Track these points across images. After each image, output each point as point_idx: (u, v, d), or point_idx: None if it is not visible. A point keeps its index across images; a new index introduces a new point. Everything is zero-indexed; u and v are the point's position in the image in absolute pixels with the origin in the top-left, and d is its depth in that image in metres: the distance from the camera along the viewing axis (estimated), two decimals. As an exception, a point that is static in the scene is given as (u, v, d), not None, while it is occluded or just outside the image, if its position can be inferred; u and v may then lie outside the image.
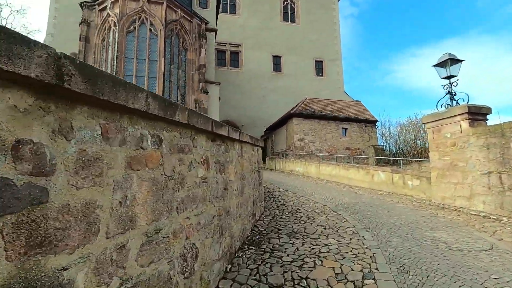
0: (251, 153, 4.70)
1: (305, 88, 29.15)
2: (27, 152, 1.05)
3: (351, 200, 7.04)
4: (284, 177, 12.63)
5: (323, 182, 11.24)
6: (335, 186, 10.02)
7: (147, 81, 15.47)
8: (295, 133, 19.79)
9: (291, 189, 8.76)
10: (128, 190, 1.58)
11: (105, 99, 1.36)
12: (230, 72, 28.14)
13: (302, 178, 12.37)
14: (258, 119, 28.04)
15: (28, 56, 0.99)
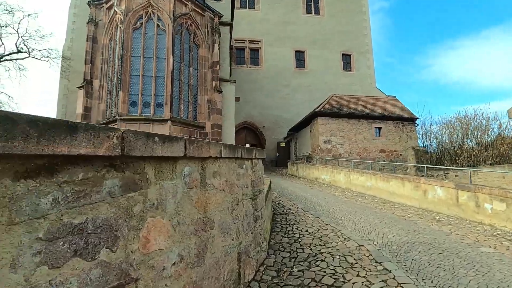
0: (234, 174, 2.83)
1: (331, 85, 26.68)
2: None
3: (401, 237, 4.76)
4: (306, 188, 10.58)
5: (355, 196, 9.02)
6: (372, 205, 7.78)
7: (154, 81, 14.19)
8: (320, 134, 17.57)
9: (313, 209, 6.75)
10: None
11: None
12: (250, 70, 26.47)
13: (328, 190, 10.24)
14: (280, 119, 26.07)
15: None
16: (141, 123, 13.74)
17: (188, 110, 15.23)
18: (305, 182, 12.94)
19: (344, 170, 11.03)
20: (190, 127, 15.03)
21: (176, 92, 14.71)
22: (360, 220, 5.87)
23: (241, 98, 25.85)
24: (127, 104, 13.92)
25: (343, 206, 7.28)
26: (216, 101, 15.83)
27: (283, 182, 12.25)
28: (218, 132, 15.66)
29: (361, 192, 9.53)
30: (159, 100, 14.19)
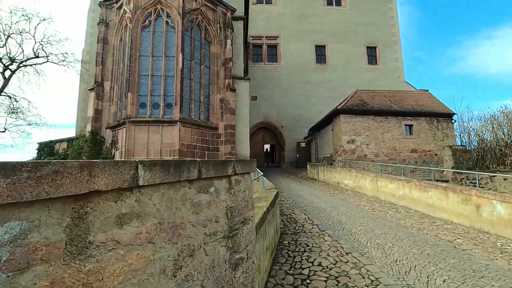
0: (185, 207, 1.77)
1: (355, 80, 24.89)
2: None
3: (457, 284, 3.33)
4: (326, 196, 9.28)
5: (384, 207, 7.64)
6: (407, 221, 6.33)
7: (163, 81, 13.52)
8: (343, 133, 16.07)
9: (331, 227, 5.55)
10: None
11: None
12: (267, 67, 25.36)
13: (351, 198, 8.88)
14: (300, 118, 24.72)
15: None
16: (150, 125, 13.13)
17: (199, 110, 14.44)
18: (325, 187, 11.60)
19: (370, 174, 9.57)
20: (202, 128, 14.22)
21: (187, 91, 13.96)
22: (392, 248, 4.53)
23: (258, 97, 24.85)
24: (136, 105, 13.36)
25: (369, 223, 5.94)
26: (229, 100, 14.90)
27: (300, 188, 11.03)
28: (231, 133, 14.73)
29: (391, 203, 8.07)
30: (168, 100, 13.50)
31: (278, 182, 13.68)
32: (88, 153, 13.70)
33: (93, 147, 13.94)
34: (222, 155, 14.73)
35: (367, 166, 14.42)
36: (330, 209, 6.96)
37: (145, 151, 12.94)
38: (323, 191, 10.18)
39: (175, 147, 12.94)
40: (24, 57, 17.84)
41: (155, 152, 12.96)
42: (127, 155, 12.85)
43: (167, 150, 13.00)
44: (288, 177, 16.06)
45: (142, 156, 12.90)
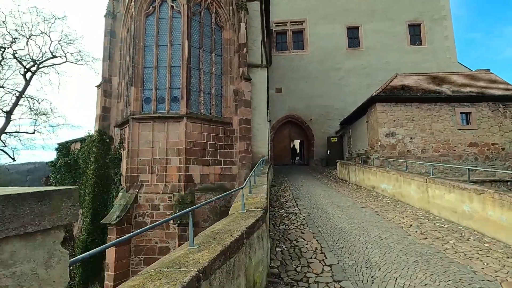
0: None
1: (395, 64, 21.62)
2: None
3: None
4: (354, 207, 6.87)
5: (442, 231, 5.18)
6: (487, 265, 3.82)
7: (169, 72, 12.17)
8: (380, 125, 13.44)
9: (352, 273, 3.36)
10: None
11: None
12: (293, 56, 23.10)
13: (390, 212, 6.45)
14: (331, 110, 22.16)
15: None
16: (155, 122, 11.86)
17: (210, 103, 12.87)
18: (356, 193, 9.26)
19: (417, 178, 7.06)
20: (213, 124, 12.65)
21: (195, 83, 12.46)
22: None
23: (283, 89, 22.77)
24: (140, 101, 12.19)
25: (420, 267, 3.64)
26: (244, 91, 13.12)
27: (323, 194, 8.81)
28: (246, 129, 12.96)
29: (450, 222, 5.52)
30: (175, 94, 12.12)
31: (299, 184, 11.64)
32: (96, 154, 12.88)
33: (101, 147, 13.10)
34: (236, 153, 13.05)
35: (411, 165, 11.77)
36: (356, 233, 4.82)
37: (150, 150, 11.73)
38: (352, 199, 7.94)
39: (181, 145, 11.54)
40: (42, 57, 17.87)
41: (161, 151, 11.68)
42: (131, 155, 11.74)
43: (173, 149, 11.65)
44: (313, 178, 13.89)
45: (147, 156, 11.71)
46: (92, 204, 12.43)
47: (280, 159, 22.70)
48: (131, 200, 11.26)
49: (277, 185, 11.73)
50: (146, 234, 11.13)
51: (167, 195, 11.36)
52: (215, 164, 12.50)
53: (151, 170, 11.64)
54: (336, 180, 13.13)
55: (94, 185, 12.58)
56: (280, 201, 8.02)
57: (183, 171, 11.37)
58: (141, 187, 11.57)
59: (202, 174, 12.03)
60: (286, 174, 15.83)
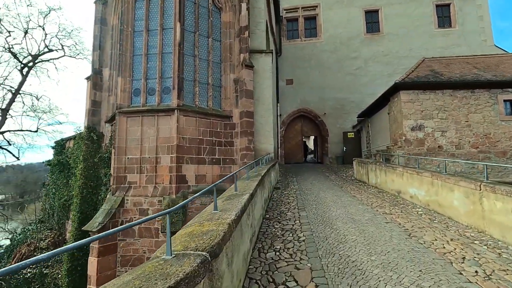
0: None
1: (420, 49, 19.31)
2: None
3: None
4: (376, 222, 4.82)
5: None
6: None
7: (159, 59, 10.78)
8: (405, 117, 11.47)
9: None
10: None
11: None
12: (305, 44, 21.22)
13: (427, 233, 4.50)
14: (347, 102, 20.15)
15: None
16: (144, 116, 10.55)
17: (207, 95, 11.41)
18: (377, 199, 7.39)
19: (464, 184, 5.04)
20: (211, 118, 11.18)
21: (189, 71, 11.03)
22: None
23: (294, 80, 20.97)
24: (128, 92, 10.91)
25: None
26: (245, 79, 11.54)
27: (335, 202, 6.96)
28: (248, 123, 11.39)
29: None
30: (166, 84, 10.74)
31: (308, 187, 9.92)
32: (84, 152, 11.75)
33: (90, 144, 11.96)
34: (237, 151, 11.52)
35: (442, 165, 9.78)
36: (379, 276, 2.94)
37: (138, 148, 10.43)
38: (372, 208, 6.12)
39: (173, 142, 10.15)
40: (38, 51, 17.06)
41: (150, 149, 10.35)
42: (118, 154, 10.49)
43: (164, 146, 10.29)
44: (326, 179, 12.11)
45: (136, 154, 10.41)
46: (80, 207, 11.32)
47: (292, 157, 20.98)
48: (117, 204, 10.01)
49: (282, 187, 10.08)
50: (133, 243, 9.86)
51: (157, 198, 10.02)
52: (213, 163, 11.04)
53: (140, 170, 10.35)
54: (353, 182, 11.27)
55: (82, 187, 11.46)
56: (280, 210, 6.39)
57: (174, 171, 9.98)
58: (129, 189, 10.30)
59: (197, 175, 10.60)
60: (295, 173, 14.13)
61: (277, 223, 5.22)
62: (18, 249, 13.15)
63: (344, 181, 11.40)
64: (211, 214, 2.97)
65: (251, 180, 5.38)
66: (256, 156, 11.55)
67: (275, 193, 8.86)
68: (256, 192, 4.76)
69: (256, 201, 4.74)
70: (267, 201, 7.13)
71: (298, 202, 7.12)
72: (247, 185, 4.93)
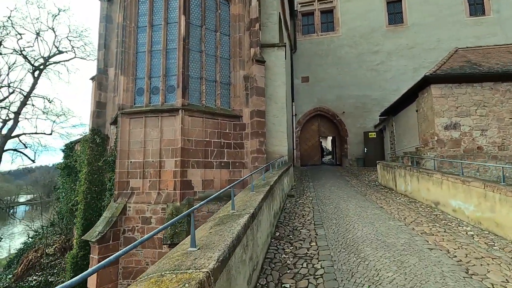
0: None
1: (450, 41, 17.61)
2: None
3: None
4: (417, 251, 3.63)
5: None
6: None
7: (164, 56, 10.05)
8: (437, 114, 10.11)
9: None
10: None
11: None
12: (321, 40, 20.00)
13: (492, 267, 3.31)
14: (368, 100, 18.74)
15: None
16: (148, 117, 9.84)
17: (215, 93, 10.55)
18: (411, 212, 6.11)
19: None
20: (219, 118, 10.32)
21: (196, 68, 10.22)
22: None
23: (310, 77, 19.80)
24: (131, 92, 10.26)
25: None
26: (256, 76, 10.59)
27: (359, 214, 5.77)
28: (259, 123, 10.42)
29: None
30: (170, 82, 9.99)
31: (326, 195, 8.80)
32: (89, 156, 11.22)
33: (95, 147, 11.42)
34: (247, 153, 10.59)
35: (479, 169, 8.45)
36: None
37: (142, 151, 9.72)
38: (406, 226, 4.87)
39: (177, 144, 9.35)
40: (50, 54, 16.93)
41: (154, 152, 9.61)
42: (120, 157, 9.84)
43: (168, 149, 9.52)
44: (346, 184, 10.92)
45: (138, 158, 9.72)
46: (84, 213, 10.77)
47: (308, 159, 19.80)
48: (118, 211, 9.34)
49: (297, 194, 9.02)
50: (135, 254, 9.15)
51: (160, 205, 9.26)
52: (221, 167, 10.16)
53: (143, 175, 9.64)
54: (377, 188, 10.01)
55: (86, 192, 10.92)
56: (293, 225, 5.36)
57: (179, 176, 9.18)
58: (131, 195, 9.61)
59: (204, 180, 9.76)
60: (312, 177, 13.01)
61: (288, 245, 4.23)
62: (26, 255, 12.87)
63: (367, 187, 10.17)
64: (185, 254, 2.03)
65: (256, 192, 4.41)
66: (268, 159, 10.57)
67: (289, 202, 7.83)
68: (261, 210, 3.78)
69: (261, 221, 3.76)
70: (278, 213, 6.14)
71: (314, 214, 6.07)
72: (250, 198, 3.96)
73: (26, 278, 11.81)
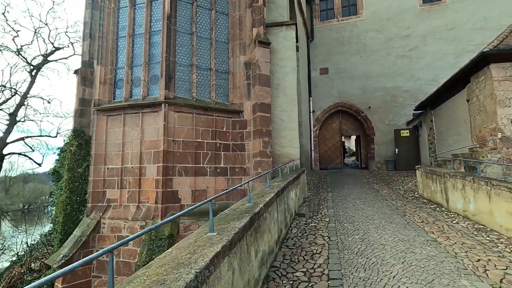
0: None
1: (500, 17, 14.60)
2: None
3: None
4: None
5: None
6: None
7: (146, 40, 8.31)
8: (500, 103, 7.55)
9: None
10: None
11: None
12: (342, 26, 17.59)
13: None
14: (399, 93, 16.11)
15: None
16: (127, 114, 8.14)
17: (209, 84, 8.66)
18: (489, 252, 3.76)
19: None
20: (214, 114, 8.41)
21: (186, 54, 8.40)
22: None
23: (330, 69, 17.46)
24: (110, 84, 8.65)
25: None
26: (259, 61, 8.55)
27: (404, 255, 3.58)
28: (263, 119, 8.36)
29: None
30: (154, 71, 8.23)
31: (349, 212, 6.53)
32: (70, 160, 9.69)
33: (77, 151, 9.87)
34: (249, 157, 8.57)
35: None
36: None
37: (119, 155, 8.02)
38: (485, 283, 2.83)
39: (159, 147, 7.54)
40: (46, 51, 15.93)
41: (133, 156, 7.88)
42: (95, 163, 8.21)
43: (150, 152, 7.74)
44: (376, 196, 8.55)
45: (116, 163, 8.02)
46: (63, 227, 9.20)
47: (328, 161, 17.44)
48: (90, 228, 7.69)
49: (309, 212, 6.85)
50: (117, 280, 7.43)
51: (139, 222, 7.48)
52: (216, 174, 8.23)
53: (121, 184, 7.93)
54: (419, 203, 7.58)
55: (66, 202, 9.34)
56: (293, 278, 3.26)
57: (161, 186, 7.36)
58: (107, 209, 7.94)
59: (194, 190, 7.88)
60: (332, 185, 10.74)
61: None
62: (10, 270, 11.67)
63: (405, 201, 7.76)
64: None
65: (219, 232, 2.42)
66: (275, 163, 8.50)
67: (296, 225, 5.72)
68: (220, 267, 1.79)
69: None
70: (273, 251, 4.07)
71: (330, 254, 3.92)
72: (212, 241, 1.97)
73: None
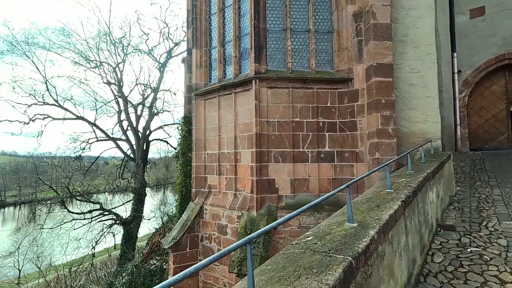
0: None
1: None
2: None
3: None
4: None
5: None
6: None
7: (236, 10, 7.53)
8: None
9: None
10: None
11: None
12: None
13: None
14: None
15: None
16: (221, 95, 7.65)
17: (308, 49, 7.07)
18: None
19: None
20: (315, 86, 6.86)
21: (278, 17, 7.10)
22: None
23: (488, 9, 12.27)
24: (205, 67, 8.32)
25: None
26: (373, 7, 6.24)
27: None
28: (381, 86, 6.14)
29: None
30: (244, 44, 7.31)
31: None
32: (182, 146, 10.34)
33: (188, 136, 10.45)
34: (363, 137, 6.57)
35: None
36: None
37: (216, 140, 7.68)
38: None
39: (251, 130, 6.66)
40: (169, 47, 17.90)
41: (229, 141, 7.38)
42: (196, 148, 8.23)
43: (244, 136, 7.01)
44: None
45: (214, 148, 7.75)
46: (180, 207, 10.04)
47: (484, 139, 12.64)
48: (194, 213, 7.77)
49: (461, 223, 4.39)
50: (213, 268, 7.34)
51: (235, 212, 6.95)
52: (319, 160, 6.73)
53: (219, 170, 7.62)
54: None
55: (181, 184, 10.13)
56: None
57: (255, 173, 6.51)
58: (208, 195, 7.83)
59: (294, 179, 6.67)
60: (497, 174, 7.25)
61: None
62: (152, 237, 13.99)
63: None
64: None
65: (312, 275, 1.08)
66: (401, 146, 6.20)
67: (441, 248, 3.57)
68: None
69: None
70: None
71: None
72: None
73: (149, 261, 12.62)
